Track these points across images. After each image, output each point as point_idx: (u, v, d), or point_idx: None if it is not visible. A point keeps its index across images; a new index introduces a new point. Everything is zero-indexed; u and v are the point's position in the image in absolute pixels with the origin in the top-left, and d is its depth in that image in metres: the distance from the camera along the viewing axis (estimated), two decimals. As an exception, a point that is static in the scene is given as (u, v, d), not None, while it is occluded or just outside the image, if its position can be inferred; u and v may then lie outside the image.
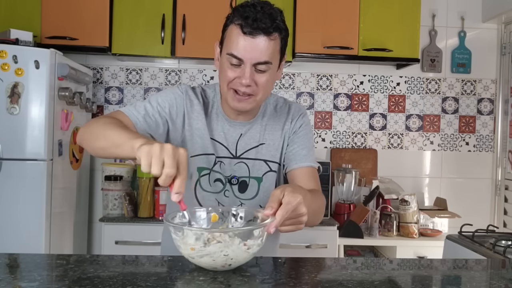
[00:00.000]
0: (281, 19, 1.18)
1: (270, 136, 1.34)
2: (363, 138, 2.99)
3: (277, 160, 1.34)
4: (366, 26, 2.64)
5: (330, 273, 1.03)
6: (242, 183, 1.30)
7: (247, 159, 1.31)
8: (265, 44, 1.16)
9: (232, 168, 1.31)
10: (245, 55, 1.16)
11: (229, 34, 1.20)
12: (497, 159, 3.00)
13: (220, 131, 1.31)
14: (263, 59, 1.17)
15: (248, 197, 1.33)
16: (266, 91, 1.23)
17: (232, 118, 1.32)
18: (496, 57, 3.03)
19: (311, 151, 1.35)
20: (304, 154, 1.33)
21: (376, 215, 2.59)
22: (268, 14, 1.15)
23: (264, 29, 1.14)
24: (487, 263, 1.19)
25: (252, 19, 1.13)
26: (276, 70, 1.24)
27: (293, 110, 1.37)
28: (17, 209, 2.11)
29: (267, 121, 1.35)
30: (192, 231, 0.98)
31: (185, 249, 0.97)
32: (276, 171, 1.34)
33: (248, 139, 1.32)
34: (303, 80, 2.96)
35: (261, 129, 1.34)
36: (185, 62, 2.88)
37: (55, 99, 2.20)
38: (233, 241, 0.98)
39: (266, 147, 1.33)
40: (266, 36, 1.15)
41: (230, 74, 1.19)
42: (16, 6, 2.50)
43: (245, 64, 1.17)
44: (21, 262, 1.06)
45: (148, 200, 2.46)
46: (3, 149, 2.09)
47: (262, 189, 1.32)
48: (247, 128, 1.32)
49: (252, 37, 1.15)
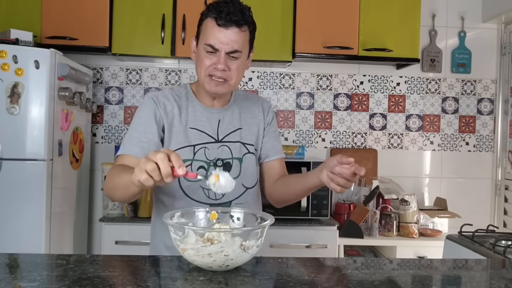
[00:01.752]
0: (249, 14, 1.36)
1: (246, 122, 1.50)
2: (363, 138, 2.99)
3: (253, 143, 1.50)
4: (366, 26, 2.64)
5: (330, 273, 1.03)
6: (226, 164, 1.43)
7: (229, 142, 1.45)
8: (236, 35, 1.33)
9: (216, 152, 1.43)
10: (220, 45, 1.32)
11: (204, 27, 1.36)
12: (497, 159, 3.00)
13: (199, 120, 1.44)
14: (235, 48, 1.33)
15: (232, 176, 1.41)
16: (238, 76, 1.39)
17: (209, 106, 1.46)
18: (496, 57, 3.03)
19: (280, 143, 1.58)
20: (279, 147, 1.55)
21: (376, 215, 2.59)
22: (239, 9, 1.32)
23: (236, 22, 1.32)
24: (487, 263, 1.19)
25: (225, 13, 1.31)
26: (246, 59, 1.41)
27: (262, 101, 1.56)
28: (17, 209, 2.10)
29: (240, 109, 1.50)
30: (193, 231, 0.98)
31: (185, 248, 0.98)
32: (253, 153, 1.49)
33: (227, 124, 1.46)
34: (303, 80, 2.96)
35: (237, 115, 1.49)
36: (185, 62, 2.88)
37: (55, 99, 2.20)
38: (234, 241, 0.98)
39: (243, 131, 1.48)
40: (237, 28, 1.32)
41: (207, 62, 1.35)
42: (16, 6, 2.50)
43: (220, 52, 1.33)
44: (21, 262, 1.06)
45: (148, 200, 2.46)
46: (3, 149, 2.09)
47: (243, 169, 1.45)
48: (224, 114, 1.47)
49: (225, 29, 1.32)
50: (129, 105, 2.89)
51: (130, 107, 2.89)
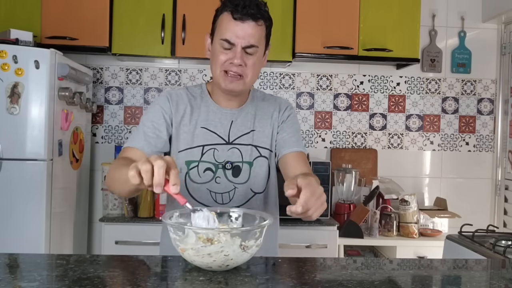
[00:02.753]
0: (265, 9, 1.33)
1: (260, 124, 1.43)
2: (363, 138, 2.99)
3: (268, 147, 1.43)
4: (366, 26, 2.64)
5: (330, 273, 1.03)
6: (235, 167, 1.39)
7: (240, 144, 1.40)
8: (253, 29, 1.30)
9: (226, 154, 1.39)
10: (236, 39, 1.29)
11: (220, 22, 1.33)
12: (497, 159, 3.00)
13: (211, 120, 1.40)
14: (251, 43, 1.30)
15: (241, 181, 1.40)
16: (254, 73, 1.35)
17: (223, 106, 1.41)
18: (496, 57, 3.03)
19: (300, 139, 1.46)
20: (294, 141, 1.43)
21: (376, 215, 2.59)
22: (255, 4, 1.30)
23: (252, 15, 1.29)
24: (487, 263, 1.19)
25: (241, 6, 1.28)
26: (262, 56, 1.37)
27: (279, 101, 1.49)
28: (17, 209, 2.10)
29: (256, 109, 1.44)
30: (193, 231, 0.98)
31: (184, 248, 0.97)
32: (266, 157, 1.42)
33: (239, 125, 1.41)
34: (303, 80, 2.96)
35: (252, 117, 1.43)
36: (185, 62, 2.88)
37: (55, 99, 2.20)
38: (234, 241, 0.98)
39: (256, 133, 1.42)
40: (254, 22, 1.29)
41: (223, 57, 1.32)
42: (16, 6, 2.50)
43: (236, 46, 1.30)
44: (21, 262, 1.06)
45: (148, 200, 2.46)
46: (3, 149, 2.09)
47: (253, 173, 1.40)
48: (238, 115, 1.42)
49: (242, 22, 1.28)
50: (129, 105, 2.89)
51: (130, 107, 2.89)
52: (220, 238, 0.97)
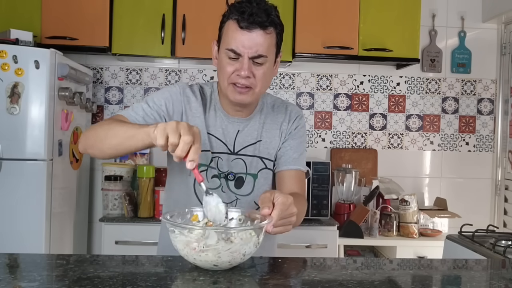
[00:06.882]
0: (276, 14, 1.24)
1: (267, 134, 1.37)
2: (363, 138, 2.99)
3: (273, 158, 1.37)
4: (366, 26, 2.64)
5: (330, 273, 1.03)
6: (238, 179, 1.33)
7: (245, 155, 1.34)
8: (261, 38, 1.20)
9: (229, 164, 1.33)
10: (242, 49, 1.20)
11: (226, 30, 1.24)
12: (497, 159, 3.00)
13: (218, 127, 1.34)
14: (259, 53, 1.21)
15: (244, 193, 1.35)
16: (264, 84, 1.27)
17: (231, 114, 1.34)
18: (496, 57, 3.02)
19: (302, 155, 1.39)
20: (295, 157, 1.36)
21: (376, 215, 2.59)
22: (263, 9, 1.21)
23: (260, 23, 1.20)
24: (487, 263, 1.19)
25: (248, 14, 1.18)
26: (272, 65, 1.28)
27: (290, 111, 1.41)
28: (17, 209, 2.10)
29: (264, 119, 1.37)
30: (212, 230, 0.97)
31: (184, 249, 0.97)
32: (271, 169, 1.37)
33: (246, 136, 1.35)
34: (303, 80, 2.96)
35: (259, 127, 1.36)
36: (185, 62, 2.88)
37: (55, 99, 2.20)
38: (251, 238, 0.97)
39: (263, 144, 1.36)
40: (262, 30, 1.20)
41: (229, 69, 1.23)
42: (16, 6, 2.50)
43: (243, 57, 1.21)
44: (21, 262, 1.06)
45: (148, 200, 2.46)
46: (3, 149, 2.09)
47: (257, 185, 1.35)
48: (245, 125, 1.35)
49: (248, 31, 1.19)
50: (129, 105, 2.89)
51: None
52: (240, 236, 0.96)
